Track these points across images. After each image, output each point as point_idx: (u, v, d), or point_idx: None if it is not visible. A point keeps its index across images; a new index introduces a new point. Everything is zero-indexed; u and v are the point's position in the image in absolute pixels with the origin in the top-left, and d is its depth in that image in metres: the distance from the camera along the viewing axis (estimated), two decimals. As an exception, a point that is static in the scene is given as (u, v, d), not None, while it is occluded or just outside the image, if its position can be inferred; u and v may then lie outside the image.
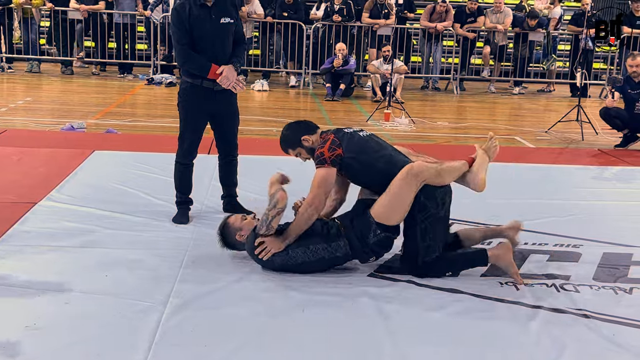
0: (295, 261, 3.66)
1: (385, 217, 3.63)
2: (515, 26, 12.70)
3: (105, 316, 3.14)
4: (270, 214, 3.62)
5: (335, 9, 12.21)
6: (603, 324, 3.26)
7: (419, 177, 3.59)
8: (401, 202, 3.60)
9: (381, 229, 3.64)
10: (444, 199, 3.71)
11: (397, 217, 3.64)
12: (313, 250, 3.64)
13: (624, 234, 4.57)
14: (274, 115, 9.20)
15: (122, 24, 12.27)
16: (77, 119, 7.96)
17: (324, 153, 3.67)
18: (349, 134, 3.78)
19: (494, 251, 3.68)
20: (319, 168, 3.69)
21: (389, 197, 3.61)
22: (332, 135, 3.74)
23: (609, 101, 7.83)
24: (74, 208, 4.64)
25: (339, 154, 3.66)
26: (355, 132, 3.83)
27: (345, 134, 3.77)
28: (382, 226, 3.64)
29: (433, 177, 3.65)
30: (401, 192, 3.59)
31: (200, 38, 4.28)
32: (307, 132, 3.84)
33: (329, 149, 3.67)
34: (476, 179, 3.77)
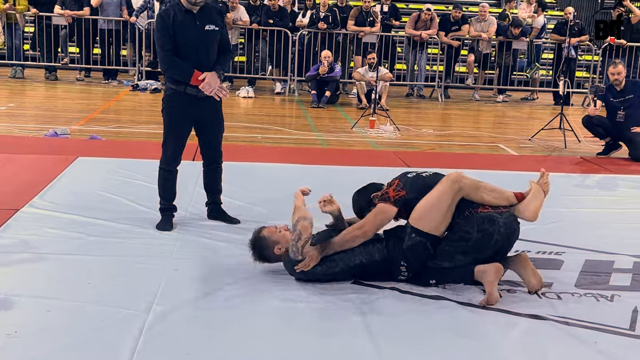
0: (334, 270, 3.67)
1: (419, 219, 3.64)
2: (499, 35, 12.80)
3: (87, 324, 3.12)
4: (299, 245, 3.60)
5: (320, 16, 12.24)
6: (585, 331, 3.28)
7: (455, 183, 3.61)
8: (437, 206, 3.61)
9: (416, 233, 3.64)
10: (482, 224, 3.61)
11: (432, 222, 3.62)
12: (350, 255, 3.67)
13: (606, 241, 4.61)
14: (259, 122, 9.20)
15: (107, 30, 12.22)
16: (61, 125, 7.92)
17: (389, 192, 3.74)
18: (413, 177, 3.82)
19: (482, 267, 3.61)
20: (381, 203, 3.72)
21: (426, 201, 3.64)
22: (397, 180, 3.80)
23: (591, 109, 7.90)
24: (57, 215, 4.62)
25: (403, 195, 3.71)
26: (419, 174, 3.85)
27: (408, 178, 3.81)
28: (416, 230, 3.64)
29: (472, 188, 3.65)
30: (438, 196, 3.62)
31: (184, 44, 4.27)
32: (375, 190, 3.88)
33: (394, 190, 3.73)
34: (529, 206, 3.74)
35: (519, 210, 3.75)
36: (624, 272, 4.07)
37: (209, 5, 4.39)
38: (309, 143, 7.99)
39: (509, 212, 3.71)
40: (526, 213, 3.74)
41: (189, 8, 4.27)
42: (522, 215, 3.75)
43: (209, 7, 4.38)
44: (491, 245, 3.61)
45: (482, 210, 3.65)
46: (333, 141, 8.18)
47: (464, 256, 3.63)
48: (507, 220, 3.65)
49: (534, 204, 3.76)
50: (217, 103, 4.48)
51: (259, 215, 4.85)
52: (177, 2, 4.31)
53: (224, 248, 4.20)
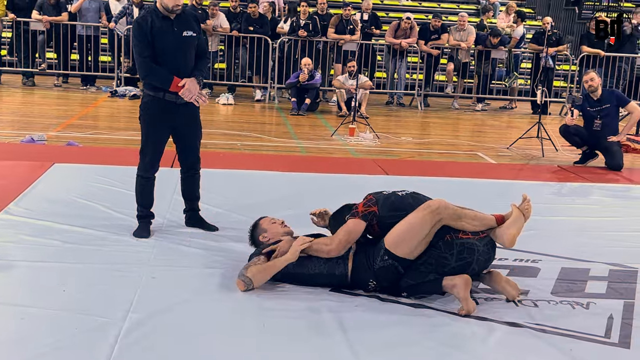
0: (292, 270, 3.70)
1: (395, 244, 3.61)
2: (478, 44, 12.91)
3: (62, 332, 3.08)
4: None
5: (301, 24, 12.26)
6: (561, 338, 3.30)
7: (436, 214, 3.58)
8: (414, 233, 3.58)
9: (389, 256, 3.62)
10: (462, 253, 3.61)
11: (406, 248, 3.59)
12: (313, 263, 3.71)
13: (582, 249, 4.65)
14: (238, 129, 9.18)
15: (86, 36, 12.14)
16: (38, 131, 7.84)
17: (358, 207, 3.77)
18: (387, 194, 3.81)
19: (451, 281, 3.60)
20: (350, 219, 3.73)
21: (404, 227, 3.61)
22: (370, 196, 3.83)
23: (568, 119, 7.98)
24: (33, 222, 4.56)
25: (373, 211, 3.72)
26: (395, 192, 3.83)
27: (382, 195, 3.82)
28: (390, 253, 3.61)
29: (452, 218, 3.62)
30: (416, 224, 3.58)
31: (162, 51, 4.25)
32: (348, 212, 3.82)
33: (363, 205, 3.76)
34: (506, 233, 3.68)
35: (496, 235, 3.72)
36: (600, 280, 4.11)
37: (186, 12, 4.39)
38: (288, 150, 7.99)
39: (488, 238, 3.70)
40: (504, 238, 3.69)
41: (165, 14, 4.26)
42: (499, 240, 3.72)
43: (186, 13, 4.38)
44: (467, 272, 3.62)
45: (462, 235, 3.64)
46: (313, 149, 8.18)
47: (436, 275, 3.63)
48: (486, 248, 3.66)
49: (512, 230, 3.69)
50: (195, 109, 4.46)
51: (237, 222, 4.82)
52: (154, 9, 4.30)
53: (202, 255, 4.18)
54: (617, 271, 4.28)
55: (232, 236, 4.53)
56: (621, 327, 3.46)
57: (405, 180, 6.29)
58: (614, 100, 7.90)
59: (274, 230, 3.94)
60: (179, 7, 4.25)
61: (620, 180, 7.28)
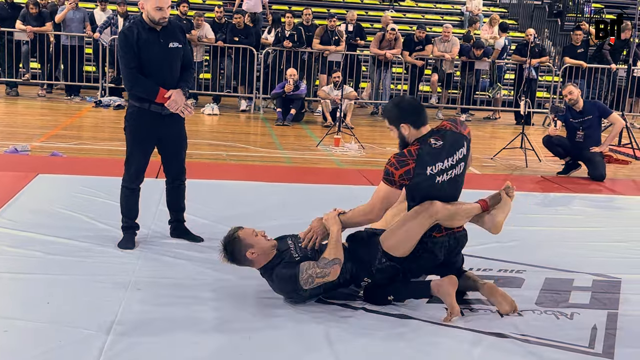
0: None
1: (394, 247, 3.64)
2: (462, 55, 13.00)
3: (46, 345, 3.05)
4: (317, 280, 3.53)
5: (286, 34, 12.30)
6: (545, 348, 3.32)
7: (434, 217, 3.60)
8: (412, 236, 3.62)
9: (387, 258, 3.65)
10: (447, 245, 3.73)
11: (405, 249, 3.64)
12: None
13: (566, 259, 4.68)
14: (223, 139, 9.18)
15: (70, 46, 12.10)
16: (21, 141, 7.79)
17: (395, 174, 3.56)
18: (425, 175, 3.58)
19: (438, 282, 3.67)
20: (385, 184, 3.61)
21: (401, 230, 3.63)
22: (411, 165, 3.56)
23: (551, 130, 8.05)
24: (16, 233, 4.53)
25: (405, 184, 3.60)
26: (432, 175, 3.60)
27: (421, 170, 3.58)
28: (388, 255, 3.65)
29: (447, 218, 3.65)
30: (414, 227, 3.61)
31: (149, 62, 4.26)
32: (410, 121, 3.67)
33: (399, 176, 3.56)
34: (495, 219, 3.77)
35: (483, 221, 3.80)
36: (583, 290, 4.14)
37: (172, 23, 4.40)
38: (273, 161, 7.99)
39: (464, 231, 3.81)
40: (490, 224, 3.78)
41: (152, 26, 4.27)
42: (486, 226, 3.80)
43: (172, 24, 4.39)
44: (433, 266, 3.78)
45: (436, 234, 3.69)
46: (298, 159, 8.18)
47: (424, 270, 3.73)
48: (455, 242, 3.76)
49: (500, 217, 3.80)
50: (181, 120, 4.47)
51: (223, 233, 4.78)
52: (140, 20, 4.30)
53: (187, 266, 4.16)
54: (600, 281, 4.31)
55: (218, 247, 4.50)
56: (605, 337, 3.48)
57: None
58: (596, 111, 7.98)
59: (261, 245, 3.65)
60: (165, 20, 4.27)
61: (603, 190, 7.34)
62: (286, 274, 3.56)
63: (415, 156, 3.58)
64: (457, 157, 3.70)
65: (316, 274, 3.51)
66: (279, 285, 3.62)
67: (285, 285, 3.59)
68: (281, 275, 3.58)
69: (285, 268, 3.58)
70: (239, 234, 3.66)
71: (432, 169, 3.59)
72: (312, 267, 3.52)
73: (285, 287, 3.60)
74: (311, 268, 3.52)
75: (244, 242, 3.64)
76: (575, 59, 12.94)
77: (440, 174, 3.63)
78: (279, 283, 3.61)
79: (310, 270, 3.51)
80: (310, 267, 3.52)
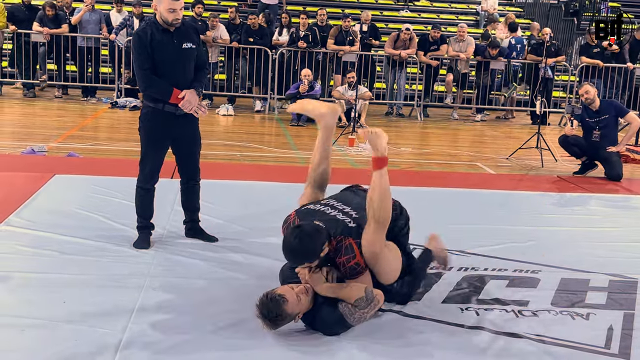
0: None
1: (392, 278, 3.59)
2: (477, 55, 12.95)
3: (62, 344, 3.08)
4: (369, 314, 3.38)
5: (300, 35, 12.31)
6: (560, 349, 3.30)
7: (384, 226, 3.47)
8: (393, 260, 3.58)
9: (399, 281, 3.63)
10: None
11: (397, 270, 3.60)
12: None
13: (582, 259, 4.65)
14: (238, 139, 9.20)
15: (86, 47, 12.19)
16: (38, 142, 7.86)
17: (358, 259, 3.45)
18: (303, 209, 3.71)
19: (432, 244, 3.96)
20: (360, 277, 3.50)
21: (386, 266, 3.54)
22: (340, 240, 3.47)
23: (567, 129, 8.00)
24: (33, 233, 4.57)
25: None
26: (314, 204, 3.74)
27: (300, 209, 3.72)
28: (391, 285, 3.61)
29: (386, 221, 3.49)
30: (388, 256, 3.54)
31: (162, 63, 4.28)
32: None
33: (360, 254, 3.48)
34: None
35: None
36: (600, 291, 4.11)
37: (185, 24, 4.42)
38: (288, 161, 8.00)
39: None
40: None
41: (165, 27, 4.29)
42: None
43: (185, 25, 4.41)
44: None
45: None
46: (312, 159, 8.18)
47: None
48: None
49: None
50: (195, 120, 4.49)
51: (237, 233, 4.84)
52: (154, 21, 4.33)
53: (202, 266, 4.18)
54: (617, 282, 4.27)
55: (232, 247, 4.54)
56: (621, 337, 3.46)
57: (404, 191, 6.29)
58: (612, 110, 7.92)
59: (304, 307, 3.33)
60: (178, 21, 4.28)
61: (619, 190, 7.29)
62: (332, 319, 3.34)
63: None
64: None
65: (367, 313, 3.37)
66: (327, 330, 3.35)
67: (334, 328, 3.35)
68: (328, 322, 3.34)
69: (327, 314, 3.35)
70: (285, 308, 3.22)
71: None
72: (357, 310, 3.34)
73: (334, 329, 3.34)
74: (357, 311, 3.34)
75: (293, 313, 3.27)
76: (591, 58, 12.84)
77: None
78: (328, 329, 3.34)
79: (357, 313, 3.34)
80: (356, 311, 3.34)
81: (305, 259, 3.36)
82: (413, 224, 3.88)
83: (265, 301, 3.21)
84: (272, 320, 3.20)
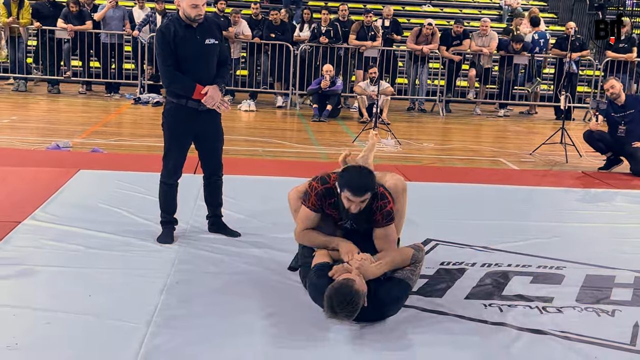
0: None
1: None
2: (500, 49, 12.85)
3: (87, 336, 3.12)
4: (417, 272, 3.54)
5: (322, 30, 12.30)
6: (585, 346, 3.27)
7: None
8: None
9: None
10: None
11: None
12: None
13: (607, 256, 4.61)
14: (260, 135, 9.22)
15: (110, 44, 12.28)
16: (63, 137, 7.94)
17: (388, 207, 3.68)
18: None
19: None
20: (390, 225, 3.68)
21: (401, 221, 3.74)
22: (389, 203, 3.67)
23: (592, 124, 7.92)
24: (58, 227, 4.62)
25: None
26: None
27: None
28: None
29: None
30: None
31: (185, 59, 4.30)
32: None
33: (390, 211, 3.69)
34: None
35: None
36: (625, 287, 4.07)
37: (208, 20, 4.43)
38: (310, 157, 8.01)
39: None
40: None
41: (188, 22, 4.30)
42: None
43: (208, 21, 4.42)
44: None
45: None
46: (334, 155, 8.17)
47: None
48: None
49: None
50: (217, 116, 4.50)
51: (259, 228, 4.86)
52: (177, 17, 4.34)
53: (225, 261, 4.20)
54: (642, 278, 4.23)
55: (254, 242, 4.56)
56: (647, 334, 3.42)
57: (426, 187, 6.28)
58: (638, 105, 7.83)
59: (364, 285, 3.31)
60: (201, 17, 4.29)
61: (645, 186, 7.20)
62: (397, 291, 3.42)
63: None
64: None
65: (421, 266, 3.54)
66: (394, 306, 3.42)
67: (400, 301, 3.44)
68: (394, 295, 3.41)
69: (390, 289, 3.41)
70: (356, 287, 3.21)
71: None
72: (417, 266, 3.51)
73: (400, 302, 3.44)
74: (417, 268, 3.51)
75: (364, 293, 3.26)
76: (617, 52, 12.68)
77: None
78: (395, 303, 3.42)
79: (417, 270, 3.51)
80: (417, 267, 3.51)
81: (370, 188, 3.49)
82: (434, 220, 3.86)
83: (334, 292, 3.18)
84: (350, 304, 3.15)
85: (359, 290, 3.20)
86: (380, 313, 3.38)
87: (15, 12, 11.93)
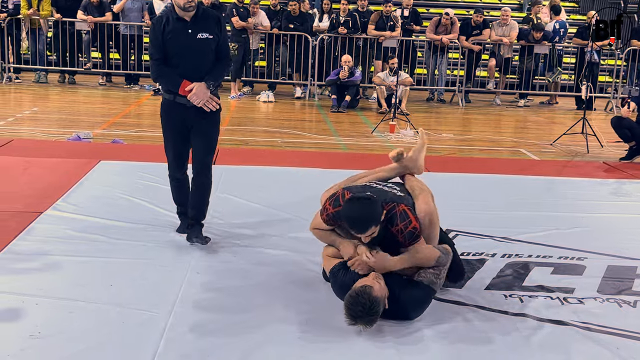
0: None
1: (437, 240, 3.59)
2: (521, 39, 12.73)
3: (109, 326, 3.15)
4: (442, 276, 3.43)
5: (341, 20, 12.26)
6: (607, 337, 3.25)
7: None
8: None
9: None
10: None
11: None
12: None
13: (629, 246, 4.56)
14: (279, 126, 9.22)
15: (129, 35, 12.33)
16: (84, 129, 8.00)
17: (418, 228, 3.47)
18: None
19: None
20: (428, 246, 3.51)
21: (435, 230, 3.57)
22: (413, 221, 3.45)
23: (624, 111, 7.82)
24: (80, 217, 4.66)
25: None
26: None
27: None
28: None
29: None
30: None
31: (174, 53, 4.13)
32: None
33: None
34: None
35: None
36: (648, 278, 4.03)
37: (205, 13, 4.21)
38: (329, 147, 8.00)
39: None
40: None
41: (181, 15, 4.12)
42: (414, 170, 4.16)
43: (205, 14, 4.19)
44: None
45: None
46: (353, 145, 8.17)
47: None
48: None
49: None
50: (210, 114, 4.22)
51: (277, 219, 4.86)
52: (172, 9, 4.17)
53: (245, 252, 4.21)
54: (665, 269, 4.18)
55: (273, 233, 4.57)
56: (670, 326, 3.39)
57: (446, 177, 6.25)
58: (671, 96, 7.72)
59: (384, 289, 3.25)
60: (192, 5, 4.07)
61: (668, 176, 7.12)
62: (419, 294, 3.35)
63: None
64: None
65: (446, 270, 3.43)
66: (417, 309, 3.35)
67: (424, 304, 3.38)
68: (418, 298, 3.35)
69: (412, 293, 3.33)
70: (375, 294, 3.14)
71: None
72: (441, 269, 3.39)
73: (424, 305, 3.38)
74: (442, 270, 3.39)
75: (383, 298, 3.21)
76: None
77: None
78: (418, 307, 3.35)
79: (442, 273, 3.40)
80: (441, 270, 3.39)
81: (372, 222, 3.25)
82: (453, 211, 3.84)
83: (354, 299, 3.12)
84: (369, 311, 3.09)
85: (378, 297, 3.13)
86: (403, 316, 3.32)
87: (35, 4, 12.01)
